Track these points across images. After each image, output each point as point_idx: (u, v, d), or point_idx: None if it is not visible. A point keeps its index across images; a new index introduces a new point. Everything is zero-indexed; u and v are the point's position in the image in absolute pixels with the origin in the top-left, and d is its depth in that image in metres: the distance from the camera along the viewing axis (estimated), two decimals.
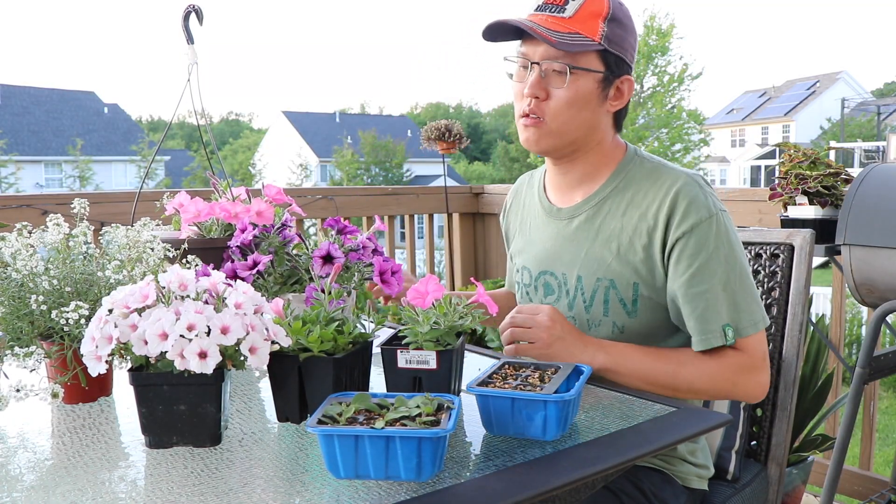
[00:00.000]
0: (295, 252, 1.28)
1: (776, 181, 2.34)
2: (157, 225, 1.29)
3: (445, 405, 0.86)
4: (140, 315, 0.90)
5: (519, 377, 1.01)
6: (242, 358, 0.90)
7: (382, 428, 0.78)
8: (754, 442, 1.54)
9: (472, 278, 1.37)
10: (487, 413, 0.94)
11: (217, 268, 1.20)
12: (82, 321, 1.02)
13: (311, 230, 3.28)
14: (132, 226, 1.20)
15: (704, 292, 1.22)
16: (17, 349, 1.01)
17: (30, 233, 1.12)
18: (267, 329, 0.93)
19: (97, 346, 0.89)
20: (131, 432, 0.99)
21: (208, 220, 1.34)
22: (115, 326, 0.89)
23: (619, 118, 1.35)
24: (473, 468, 0.86)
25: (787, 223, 2.26)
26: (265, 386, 1.17)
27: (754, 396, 1.25)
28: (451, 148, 2.98)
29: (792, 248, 1.53)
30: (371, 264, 1.26)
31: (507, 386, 0.96)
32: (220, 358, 0.87)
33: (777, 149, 3.27)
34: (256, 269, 1.17)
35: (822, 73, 42.06)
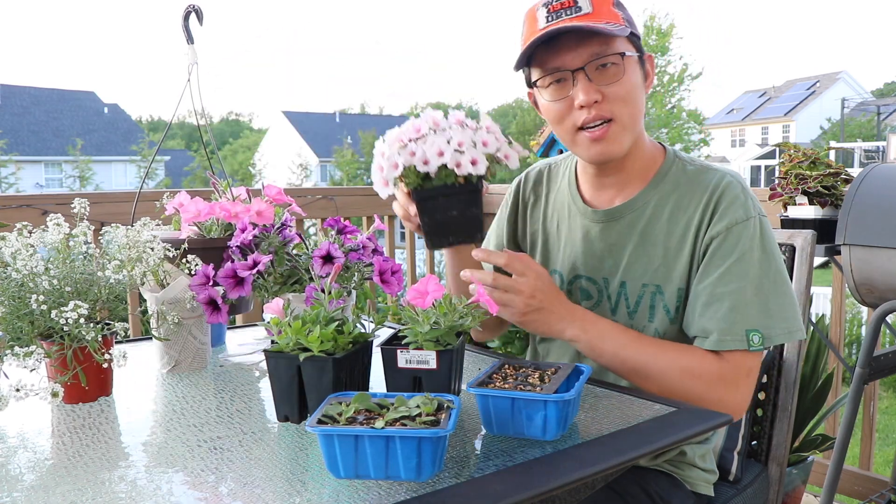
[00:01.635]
0: (295, 252, 1.28)
1: (776, 181, 2.34)
2: (157, 225, 1.29)
3: (445, 405, 0.86)
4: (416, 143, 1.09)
5: (519, 377, 1.01)
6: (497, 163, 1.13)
7: (382, 428, 0.78)
8: (755, 442, 1.54)
9: None
10: (487, 413, 0.94)
11: (217, 268, 1.20)
12: (82, 321, 1.02)
13: (311, 230, 3.28)
14: (132, 226, 1.20)
15: (732, 292, 1.16)
16: (17, 349, 1.01)
17: (30, 233, 1.12)
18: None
19: (384, 171, 1.11)
20: (131, 432, 0.99)
21: (208, 220, 1.35)
22: (399, 154, 1.09)
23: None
24: (473, 468, 0.86)
25: (788, 223, 2.26)
26: (265, 386, 1.17)
27: (729, 408, 1.13)
28: None
29: (793, 248, 1.53)
30: (371, 264, 1.26)
31: (507, 386, 0.96)
32: (487, 163, 1.10)
33: (777, 149, 3.27)
34: (256, 268, 1.17)
35: (822, 73, 42.08)
